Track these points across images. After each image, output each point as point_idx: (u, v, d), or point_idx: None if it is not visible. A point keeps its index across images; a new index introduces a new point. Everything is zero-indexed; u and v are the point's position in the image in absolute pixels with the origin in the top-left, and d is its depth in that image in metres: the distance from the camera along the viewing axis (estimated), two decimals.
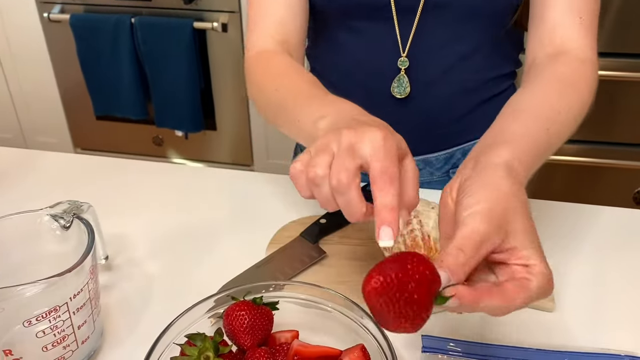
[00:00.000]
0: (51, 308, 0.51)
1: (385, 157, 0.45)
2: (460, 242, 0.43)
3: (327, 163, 0.46)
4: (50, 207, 0.60)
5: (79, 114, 2.54)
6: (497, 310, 0.44)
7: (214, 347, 0.50)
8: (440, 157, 0.82)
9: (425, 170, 0.84)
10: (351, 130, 0.47)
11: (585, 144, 1.84)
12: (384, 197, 0.44)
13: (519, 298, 0.43)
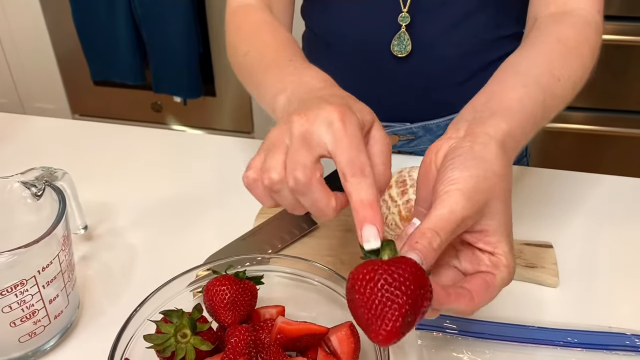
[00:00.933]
0: (17, 282, 0.47)
1: (349, 145, 0.39)
2: (436, 223, 0.39)
3: (281, 163, 0.41)
4: (21, 173, 0.56)
5: (77, 80, 2.50)
6: (459, 312, 0.41)
7: (191, 324, 0.47)
8: (441, 124, 0.78)
9: (425, 138, 0.80)
10: (302, 116, 0.41)
11: (594, 112, 1.80)
12: (359, 192, 0.38)
13: (484, 300, 0.41)
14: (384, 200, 0.61)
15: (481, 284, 0.41)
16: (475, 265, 0.42)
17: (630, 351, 0.53)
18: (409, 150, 0.81)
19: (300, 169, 0.39)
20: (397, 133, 0.79)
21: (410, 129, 0.78)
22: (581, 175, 0.78)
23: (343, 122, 0.40)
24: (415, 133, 0.79)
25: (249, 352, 0.45)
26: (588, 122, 1.82)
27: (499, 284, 0.42)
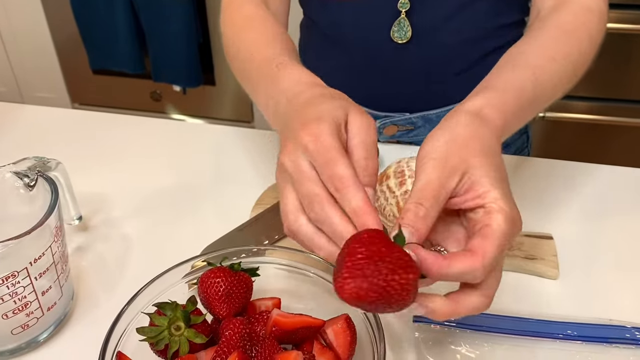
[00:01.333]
0: (9, 274, 0.47)
1: (323, 163, 0.40)
2: (417, 195, 0.40)
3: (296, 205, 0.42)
4: (13, 163, 0.55)
5: (76, 69, 2.49)
6: (469, 275, 0.39)
7: (185, 317, 0.46)
8: (441, 114, 0.77)
9: (425, 128, 0.78)
10: (286, 153, 0.43)
11: (597, 101, 1.78)
12: (348, 203, 0.39)
13: (487, 251, 0.38)
14: (382, 191, 0.60)
15: (478, 238, 0.39)
16: (472, 228, 0.41)
17: (631, 344, 0.52)
18: (407, 140, 0.80)
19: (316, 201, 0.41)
20: (396, 123, 0.78)
21: (409, 119, 0.77)
22: (582, 166, 0.77)
23: (315, 142, 0.41)
24: (414, 123, 0.78)
25: (243, 345, 0.45)
26: (590, 111, 1.81)
27: (497, 230, 0.39)
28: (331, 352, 0.46)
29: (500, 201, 0.40)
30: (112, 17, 2.12)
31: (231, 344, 0.44)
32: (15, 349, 0.52)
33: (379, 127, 0.78)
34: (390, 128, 0.78)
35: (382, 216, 0.60)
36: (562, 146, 1.91)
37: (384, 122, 0.77)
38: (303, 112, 0.45)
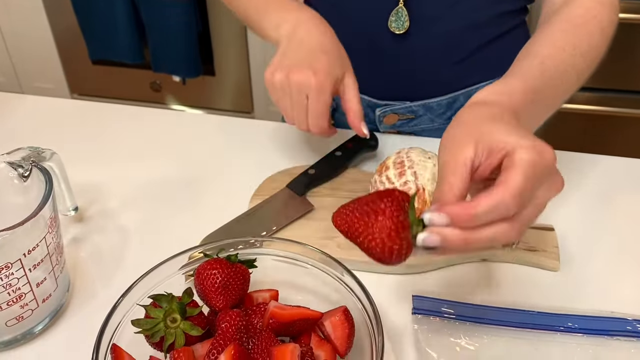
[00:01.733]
0: (2, 265, 0.46)
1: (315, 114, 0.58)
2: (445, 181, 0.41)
3: None
4: (7, 153, 0.55)
5: (75, 59, 2.47)
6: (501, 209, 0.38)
7: (180, 309, 0.45)
8: (442, 102, 0.76)
9: (426, 117, 0.78)
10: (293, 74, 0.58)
11: (600, 92, 1.77)
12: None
13: (511, 180, 0.38)
14: (382, 182, 0.59)
15: (503, 173, 0.39)
16: None
17: (632, 336, 0.52)
18: (408, 130, 0.79)
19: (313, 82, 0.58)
20: (396, 112, 0.77)
21: (410, 107, 0.76)
22: (584, 156, 0.76)
23: (317, 92, 0.58)
24: (415, 112, 0.77)
25: (240, 338, 0.44)
26: (593, 102, 1.80)
27: (520, 160, 0.39)
28: (329, 344, 0.46)
29: (519, 140, 0.40)
30: (111, 7, 2.11)
31: (227, 337, 0.43)
32: (10, 340, 0.51)
33: (379, 115, 0.77)
34: (390, 117, 0.77)
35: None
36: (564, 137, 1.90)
37: (384, 110, 0.77)
38: (314, 53, 0.59)
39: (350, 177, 0.69)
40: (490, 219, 0.38)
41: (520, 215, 0.39)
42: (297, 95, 0.58)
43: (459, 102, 0.76)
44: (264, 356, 0.42)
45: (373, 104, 0.76)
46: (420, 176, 0.57)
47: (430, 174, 0.57)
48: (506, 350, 0.51)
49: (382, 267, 0.58)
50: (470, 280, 0.58)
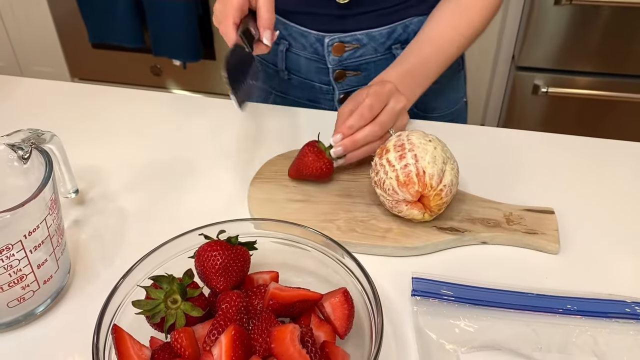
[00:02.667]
0: (3, 246, 0.46)
1: (224, 16, 0.62)
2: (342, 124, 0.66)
3: None
4: (7, 135, 0.55)
5: (75, 43, 2.46)
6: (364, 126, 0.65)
7: (181, 290, 0.46)
8: (383, 31, 0.80)
9: (369, 46, 0.81)
10: None
11: (599, 76, 1.77)
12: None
13: (364, 104, 0.65)
14: (382, 165, 0.59)
15: None
16: None
17: (630, 318, 0.52)
18: (354, 63, 0.82)
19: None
20: (343, 41, 0.80)
21: (355, 35, 0.80)
22: (585, 140, 0.76)
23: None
24: (360, 40, 0.81)
25: (240, 319, 0.44)
26: (592, 87, 1.80)
27: (369, 91, 0.66)
28: (329, 325, 0.46)
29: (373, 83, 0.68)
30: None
31: (228, 317, 0.44)
32: (11, 321, 0.51)
33: (328, 44, 0.80)
34: (338, 46, 0.80)
35: (382, 190, 0.59)
36: (564, 121, 1.90)
37: (332, 38, 0.80)
38: None
39: None
40: (360, 125, 0.65)
41: (377, 119, 0.66)
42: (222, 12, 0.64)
43: (397, 32, 0.81)
44: (264, 337, 0.42)
45: (322, 37, 0.80)
46: (420, 159, 0.57)
47: (430, 156, 0.57)
48: (505, 331, 0.51)
49: (382, 250, 0.58)
50: (470, 262, 0.58)
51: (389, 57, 0.82)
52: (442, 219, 0.61)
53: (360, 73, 0.83)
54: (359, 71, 0.83)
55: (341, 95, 0.86)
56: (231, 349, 0.40)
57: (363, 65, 0.83)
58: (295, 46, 0.82)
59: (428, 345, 0.49)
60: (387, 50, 0.82)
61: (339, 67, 0.83)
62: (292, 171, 0.67)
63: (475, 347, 0.49)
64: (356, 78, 0.84)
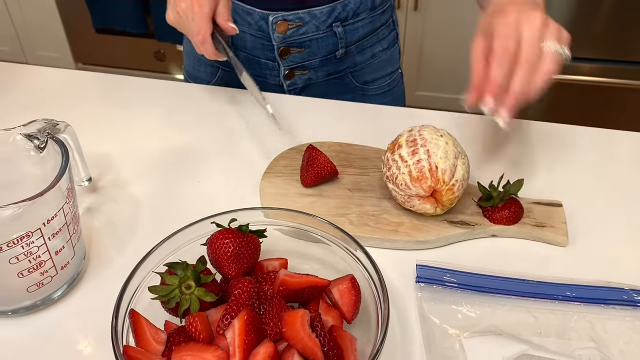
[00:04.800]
0: (23, 234, 0.48)
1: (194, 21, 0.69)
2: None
3: None
4: (23, 125, 0.56)
5: (79, 28, 2.46)
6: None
7: (195, 276, 0.47)
8: (324, 10, 0.84)
9: (312, 24, 0.84)
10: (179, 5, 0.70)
11: (601, 63, 1.77)
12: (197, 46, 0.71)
13: (495, 37, 0.58)
14: (394, 160, 0.60)
15: None
16: None
17: (627, 305, 0.54)
18: (298, 40, 0.85)
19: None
20: (286, 19, 0.83)
21: (297, 14, 0.83)
22: (594, 131, 0.77)
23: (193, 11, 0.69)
24: (302, 19, 0.83)
25: (252, 304, 0.46)
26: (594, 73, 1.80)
27: (496, 28, 0.58)
28: (336, 310, 0.48)
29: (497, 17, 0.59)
30: None
31: (240, 302, 0.46)
32: (30, 306, 0.53)
33: (272, 22, 0.83)
34: (281, 24, 0.83)
35: (394, 185, 0.60)
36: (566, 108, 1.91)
37: (275, 17, 0.83)
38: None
39: (359, 154, 0.71)
40: (505, 72, 0.57)
41: (522, 56, 0.56)
42: (187, 22, 0.70)
43: (337, 11, 0.84)
44: (275, 321, 0.44)
45: (266, 15, 0.83)
46: (433, 154, 0.58)
47: (442, 151, 0.58)
48: (506, 317, 0.53)
49: (394, 244, 0.60)
50: (480, 255, 0.60)
51: (330, 35, 0.85)
52: (453, 213, 0.62)
53: (304, 50, 0.86)
54: (302, 48, 0.86)
55: (286, 71, 0.88)
56: (244, 333, 0.42)
57: (306, 42, 0.86)
58: (241, 23, 0.85)
59: (432, 330, 0.51)
60: (329, 28, 0.85)
61: (283, 44, 0.85)
62: (309, 178, 0.65)
63: (477, 332, 0.51)
64: (300, 54, 0.86)
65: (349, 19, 0.85)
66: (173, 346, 0.44)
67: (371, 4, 0.86)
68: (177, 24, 0.72)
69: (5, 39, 2.59)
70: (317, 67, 0.88)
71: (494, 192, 0.61)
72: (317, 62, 0.88)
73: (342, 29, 0.85)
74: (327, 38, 0.86)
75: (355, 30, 0.86)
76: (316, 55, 0.87)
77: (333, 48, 0.87)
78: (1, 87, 0.87)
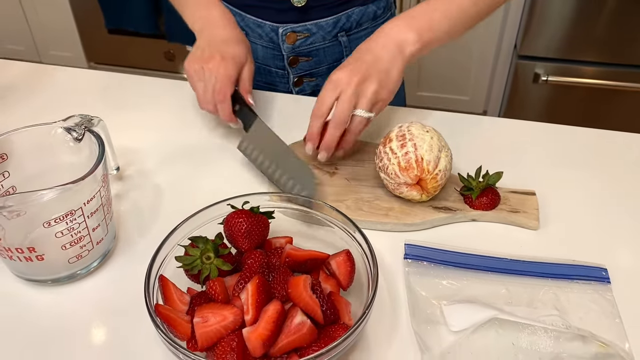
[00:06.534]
0: (67, 212, 0.56)
1: (214, 88, 0.74)
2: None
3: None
4: (63, 120, 0.64)
5: (91, 29, 2.54)
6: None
7: (214, 249, 0.56)
8: (330, 21, 0.91)
9: (318, 34, 0.92)
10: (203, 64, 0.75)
11: (604, 66, 1.80)
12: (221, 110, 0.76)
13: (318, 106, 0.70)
14: (385, 152, 0.68)
15: None
16: None
17: (589, 280, 0.61)
18: (306, 50, 0.92)
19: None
20: (295, 30, 0.90)
21: (305, 25, 0.90)
22: (570, 129, 0.84)
23: (218, 71, 0.74)
24: (309, 30, 0.91)
25: (262, 272, 0.54)
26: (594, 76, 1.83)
27: (329, 79, 0.71)
28: (334, 279, 0.56)
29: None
30: None
31: (252, 270, 0.54)
32: (70, 275, 0.62)
33: (282, 34, 0.91)
34: (290, 35, 0.91)
35: (385, 174, 0.68)
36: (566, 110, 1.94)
37: (285, 29, 0.90)
38: (223, 45, 0.76)
39: (357, 148, 0.79)
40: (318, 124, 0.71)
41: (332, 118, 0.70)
42: (209, 79, 0.74)
43: (342, 22, 0.92)
44: (282, 285, 0.52)
45: (276, 27, 0.90)
46: (419, 147, 0.66)
47: (427, 145, 0.66)
48: (482, 289, 0.60)
49: (385, 226, 0.68)
50: (461, 237, 0.67)
51: (336, 44, 0.93)
52: (437, 200, 0.70)
53: (311, 58, 0.94)
54: (310, 57, 0.94)
55: (295, 79, 0.96)
56: (256, 294, 0.50)
57: (313, 52, 0.93)
58: (252, 35, 0.92)
59: (416, 298, 0.59)
60: (334, 38, 0.93)
61: (292, 54, 0.93)
62: None
63: (456, 301, 0.59)
64: (308, 63, 0.94)
65: (352, 28, 0.92)
66: (196, 306, 0.52)
67: (373, 14, 0.94)
68: (194, 76, 0.76)
69: (20, 39, 2.68)
70: (324, 74, 0.95)
71: (472, 182, 0.69)
72: (324, 70, 0.95)
73: (347, 38, 0.92)
74: (333, 47, 0.93)
75: (359, 39, 0.93)
76: (323, 63, 0.95)
77: (338, 56, 0.94)
78: (34, 86, 0.95)
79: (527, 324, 0.56)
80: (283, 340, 0.49)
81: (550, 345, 0.55)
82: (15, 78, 0.98)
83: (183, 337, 0.50)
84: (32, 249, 0.57)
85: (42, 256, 0.58)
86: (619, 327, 0.57)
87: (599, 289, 0.61)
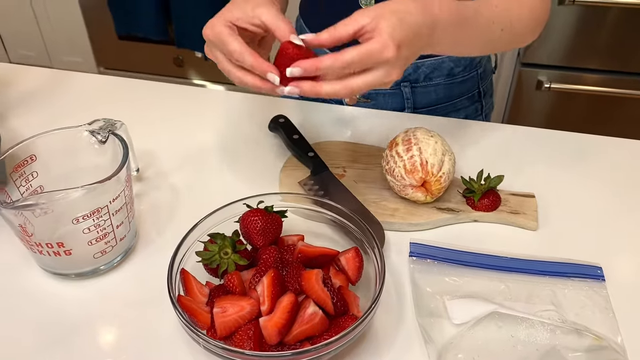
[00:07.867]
0: (94, 209, 0.60)
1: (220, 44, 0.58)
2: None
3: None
4: (88, 124, 0.68)
5: (102, 34, 2.58)
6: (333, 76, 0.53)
7: (232, 244, 0.59)
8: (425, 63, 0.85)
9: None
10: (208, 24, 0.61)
11: (607, 74, 1.82)
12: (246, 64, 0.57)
13: (346, 54, 0.52)
14: (392, 156, 0.71)
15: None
16: None
17: (584, 278, 0.65)
18: (366, 93, 0.88)
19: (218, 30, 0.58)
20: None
21: None
22: (568, 135, 0.88)
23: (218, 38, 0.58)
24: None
25: (276, 267, 0.58)
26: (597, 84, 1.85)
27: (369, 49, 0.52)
28: (343, 275, 0.59)
29: (379, 30, 0.52)
30: None
31: (268, 264, 0.57)
32: (94, 270, 0.65)
33: None
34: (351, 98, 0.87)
35: (392, 176, 0.72)
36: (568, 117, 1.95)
37: None
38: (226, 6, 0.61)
39: (365, 152, 0.82)
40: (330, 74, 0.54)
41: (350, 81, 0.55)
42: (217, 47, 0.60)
43: (407, 71, 0.85)
44: (295, 278, 0.56)
45: None
46: (424, 151, 0.69)
47: (432, 149, 0.69)
48: (483, 286, 0.64)
49: (391, 226, 0.71)
50: (463, 237, 0.70)
51: (398, 93, 0.88)
52: (441, 201, 0.73)
53: (370, 101, 0.91)
54: (369, 99, 0.91)
55: None
56: (272, 286, 0.54)
57: (372, 95, 0.90)
58: None
59: (421, 293, 0.63)
60: (397, 86, 0.86)
61: None
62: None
63: (458, 296, 0.62)
64: (366, 104, 0.89)
65: (420, 81, 0.83)
66: (214, 298, 0.56)
67: (448, 70, 0.84)
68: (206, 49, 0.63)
69: (32, 45, 2.72)
70: None
71: (475, 184, 0.72)
72: None
73: (410, 90, 0.84)
74: (394, 96, 0.86)
75: (427, 93, 0.85)
76: (383, 109, 0.88)
77: (399, 106, 0.88)
78: (52, 91, 0.99)
79: (525, 317, 0.59)
80: (297, 329, 0.52)
81: (547, 337, 0.58)
82: (33, 83, 1.02)
83: (203, 326, 0.54)
84: (61, 244, 0.61)
85: (69, 251, 0.61)
86: (612, 321, 0.60)
87: (594, 286, 0.64)
